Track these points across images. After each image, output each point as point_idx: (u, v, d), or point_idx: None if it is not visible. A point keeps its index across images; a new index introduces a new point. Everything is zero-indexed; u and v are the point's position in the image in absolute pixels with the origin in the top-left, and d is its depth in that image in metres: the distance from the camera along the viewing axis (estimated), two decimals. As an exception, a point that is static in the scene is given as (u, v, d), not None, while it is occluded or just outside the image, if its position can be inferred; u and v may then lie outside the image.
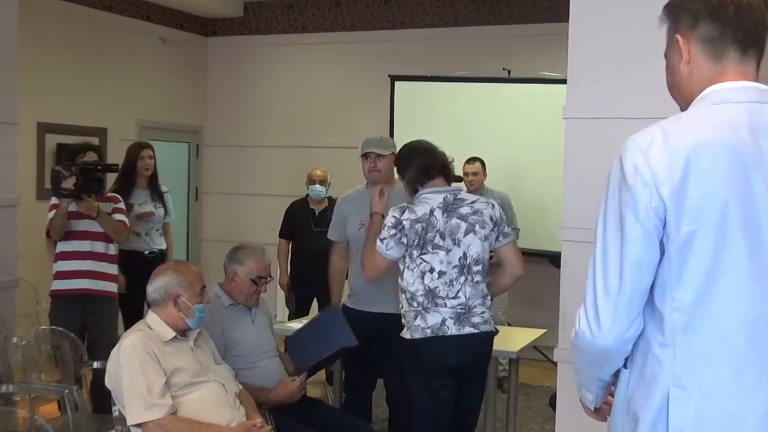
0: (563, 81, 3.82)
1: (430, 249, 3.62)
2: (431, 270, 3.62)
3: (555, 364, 3.84)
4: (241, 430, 3.26)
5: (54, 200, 4.84)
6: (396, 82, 7.69)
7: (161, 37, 8.53)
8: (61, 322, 4.64)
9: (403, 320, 3.73)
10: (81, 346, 4.42)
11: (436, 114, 7.52)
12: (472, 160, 6.55)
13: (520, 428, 5.52)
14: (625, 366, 1.75)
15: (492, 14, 7.84)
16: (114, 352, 3.25)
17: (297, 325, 4.71)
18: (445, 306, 3.62)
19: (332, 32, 8.61)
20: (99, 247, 4.91)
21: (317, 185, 6.47)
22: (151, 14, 8.41)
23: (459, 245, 3.65)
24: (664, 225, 1.63)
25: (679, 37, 1.78)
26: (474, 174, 6.50)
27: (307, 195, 6.56)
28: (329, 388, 5.06)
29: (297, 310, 6.49)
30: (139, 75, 8.25)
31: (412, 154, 3.86)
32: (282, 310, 7.75)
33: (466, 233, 3.67)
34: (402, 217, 3.63)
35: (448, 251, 3.64)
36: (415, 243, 3.62)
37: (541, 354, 6.56)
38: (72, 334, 4.38)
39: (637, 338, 1.71)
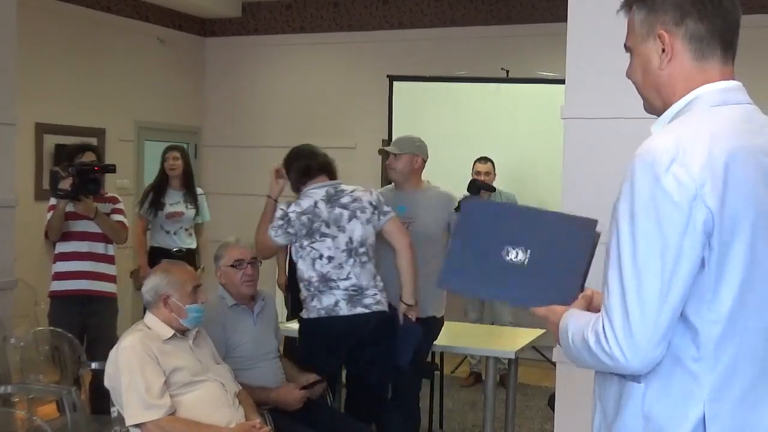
0: (562, 81, 3.82)
1: (317, 237, 3.97)
2: (320, 256, 3.97)
3: (554, 364, 3.84)
4: (240, 430, 3.26)
5: (52, 201, 4.84)
6: (394, 82, 7.69)
7: (159, 38, 8.53)
8: (61, 322, 4.64)
9: (302, 303, 4.09)
10: (79, 346, 4.42)
11: (435, 114, 7.52)
12: (483, 160, 6.55)
13: (519, 428, 5.52)
14: (634, 380, 1.64)
15: (490, 14, 7.84)
16: (112, 352, 3.25)
17: (295, 325, 4.70)
18: (338, 288, 3.95)
19: (330, 32, 8.61)
20: (98, 247, 4.91)
21: None
22: (150, 15, 8.41)
23: (344, 231, 4.00)
24: (710, 237, 1.55)
25: (664, 32, 1.67)
26: (486, 173, 6.49)
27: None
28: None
29: (294, 310, 6.49)
30: (138, 75, 8.24)
31: (293, 156, 4.23)
32: (281, 310, 7.75)
33: (349, 220, 4.02)
34: (288, 210, 4.00)
35: (334, 238, 3.98)
36: (303, 233, 3.98)
37: (540, 354, 6.56)
38: (70, 335, 4.38)
39: None
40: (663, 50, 1.68)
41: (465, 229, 1.86)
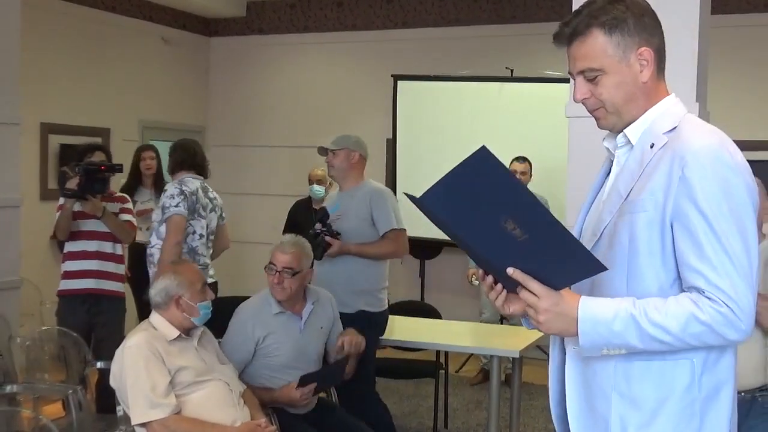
0: (566, 80, 3.82)
1: (196, 216, 4.63)
2: (194, 232, 4.64)
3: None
4: (246, 429, 3.27)
5: (62, 200, 4.86)
6: (399, 81, 7.69)
7: (164, 38, 8.54)
8: (68, 321, 4.66)
9: None
10: (85, 346, 4.43)
11: (439, 113, 7.52)
12: (521, 159, 6.54)
13: (524, 427, 5.52)
14: (685, 356, 1.80)
15: (494, 13, 7.84)
16: (118, 352, 3.26)
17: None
18: (199, 262, 4.54)
19: (335, 32, 8.61)
20: (107, 247, 4.93)
21: (315, 185, 6.49)
22: (154, 14, 8.42)
23: (206, 218, 4.74)
24: None
25: (645, 50, 1.86)
26: (522, 173, 6.48)
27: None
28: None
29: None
30: (142, 75, 8.25)
31: (176, 147, 4.91)
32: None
33: (210, 211, 4.77)
34: (182, 188, 4.60)
35: (204, 220, 4.71)
36: (189, 209, 4.58)
37: (545, 353, 6.55)
38: (76, 335, 4.39)
39: None
40: (642, 66, 1.87)
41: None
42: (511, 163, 6.51)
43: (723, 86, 6.03)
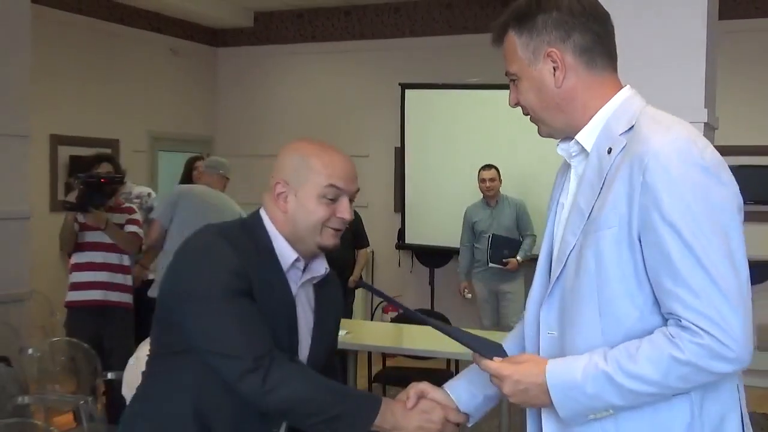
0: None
1: None
2: None
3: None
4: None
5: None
6: (406, 90, 7.70)
7: (172, 49, 8.57)
8: (77, 332, 4.66)
9: None
10: (95, 357, 4.43)
11: (447, 122, 7.52)
12: (488, 167, 6.56)
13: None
14: (679, 395, 1.54)
15: (501, 21, 7.83)
16: (131, 361, 3.25)
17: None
18: None
19: (342, 41, 8.63)
20: (112, 258, 4.93)
21: None
22: (162, 26, 8.45)
23: None
24: None
25: (554, 50, 1.63)
26: (491, 180, 6.51)
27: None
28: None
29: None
30: (151, 86, 8.28)
31: None
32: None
33: None
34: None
35: None
36: None
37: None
38: (86, 345, 4.39)
39: None
40: (555, 68, 1.65)
41: None
42: (480, 171, 6.55)
43: (732, 91, 6.02)
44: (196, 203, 5.17)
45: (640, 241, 1.51)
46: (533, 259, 6.66)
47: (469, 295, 6.77)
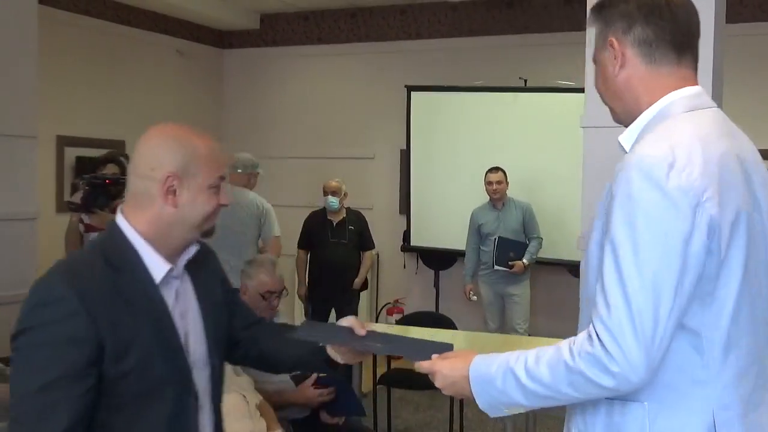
0: (580, 90, 3.82)
1: None
2: None
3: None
4: (262, 441, 3.26)
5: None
6: (412, 92, 7.71)
7: (178, 50, 8.59)
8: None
9: None
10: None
11: (453, 124, 7.53)
12: (494, 170, 6.57)
13: (540, 438, 5.50)
14: (633, 399, 1.57)
15: (508, 24, 7.84)
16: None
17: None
18: None
19: (348, 43, 8.63)
20: None
21: (330, 196, 6.50)
22: (168, 27, 8.47)
23: None
24: (711, 242, 1.52)
25: (614, 40, 1.70)
26: (498, 183, 6.51)
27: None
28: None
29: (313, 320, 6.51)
30: (157, 88, 8.30)
31: None
32: (301, 321, 7.76)
33: None
34: None
35: None
36: None
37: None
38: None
39: None
40: (615, 57, 1.71)
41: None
42: (486, 174, 6.57)
43: (738, 95, 6.01)
44: None
45: None
46: (539, 262, 6.70)
47: (474, 298, 6.77)
